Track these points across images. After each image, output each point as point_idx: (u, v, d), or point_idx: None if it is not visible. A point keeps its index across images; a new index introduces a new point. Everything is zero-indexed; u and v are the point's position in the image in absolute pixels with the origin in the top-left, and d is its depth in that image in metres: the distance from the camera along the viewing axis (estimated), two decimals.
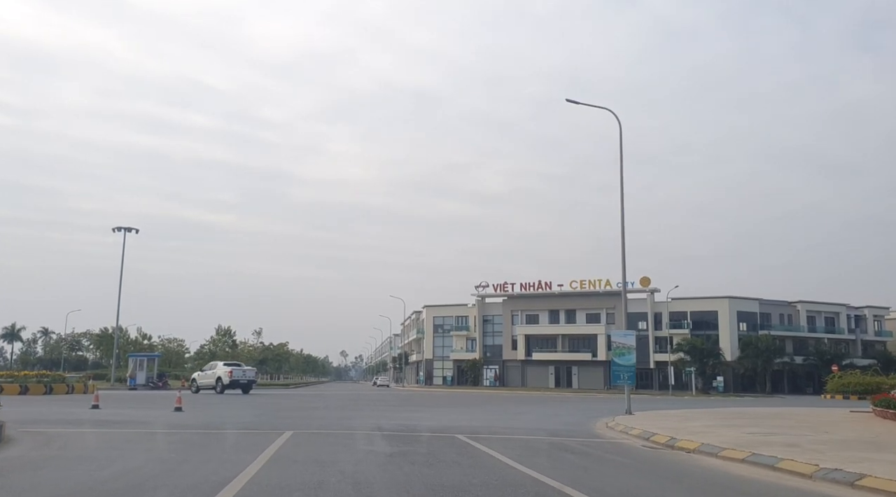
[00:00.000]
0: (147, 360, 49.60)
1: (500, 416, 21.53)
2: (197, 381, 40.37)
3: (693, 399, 47.81)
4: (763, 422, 17.82)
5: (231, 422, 16.21)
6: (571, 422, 19.17)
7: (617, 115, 21.95)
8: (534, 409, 26.08)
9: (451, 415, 21.50)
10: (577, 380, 78.34)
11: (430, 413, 22.13)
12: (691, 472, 9.18)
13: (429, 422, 17.45)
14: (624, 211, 21.78)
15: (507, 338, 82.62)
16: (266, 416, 18.34)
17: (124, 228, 49.23)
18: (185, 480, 7.13)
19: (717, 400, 46.17)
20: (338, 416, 19.08)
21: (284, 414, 19.72)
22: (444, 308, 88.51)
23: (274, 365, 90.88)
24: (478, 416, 21.33)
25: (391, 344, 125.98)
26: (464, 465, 8.64)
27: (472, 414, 22.27)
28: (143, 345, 67.14)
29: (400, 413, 21.74)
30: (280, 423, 15.72)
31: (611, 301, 78.26)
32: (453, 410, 24.46)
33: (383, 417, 18.87)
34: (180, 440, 11.44)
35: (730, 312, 74.05)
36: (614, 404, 31.31)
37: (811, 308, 77.57)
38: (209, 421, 16.16)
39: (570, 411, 25.29)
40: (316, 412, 21.05)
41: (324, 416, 18.81)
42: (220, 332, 74.04)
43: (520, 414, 22.76)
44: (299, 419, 17.37)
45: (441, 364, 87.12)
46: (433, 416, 20.09)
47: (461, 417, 19.99)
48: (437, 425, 16.18)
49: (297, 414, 19.72)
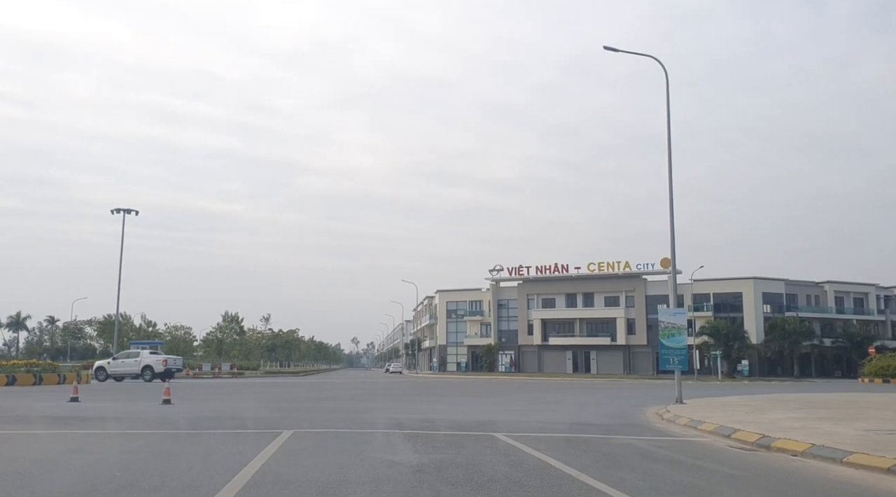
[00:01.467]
0: (150, 348, 47.34)
1: (532, 405, 18.99)
2: (107, 369, 36.61)
3: (721, 384, 45.13)
4: (851, 411, 15.17)
5: (223, 417, 13.75)
6: (617, 413, 16.61)
7: (662, 62, 19.15)
8: (565, 398, 23.53)
9: (476, 405, 18.98)
10: (595, 365, 75.78)
11: (453, 403, 19.63)
12: (843, 491, 6.57)
13: (455, 415, 14.93)
14: (672, 169, 19.07)
15: (523, 322, 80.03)
16: (266, 410, 15.88)
17: (123, 210, 46.98)
18: None
19: (749, 385, 43.45)
20: (349, 409, 16.58)
21: (288, 406, 17.25)
22: (458, 293, 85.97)
23: (284, 352, 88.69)
24: (507, 406, 18.81)
25: (403, 330, 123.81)
26: (527, 488, 6.07)
27: (499, 404, 19.74)
28: (147, 332, 65.16)
29: (419, 404, 19.26)
30: (281, 418, 13.25)
31: (630, 284, 75.57)
32: (477, 400, 21.95)
33: (401, 410, 16.38)
34: (141, 447, 8.94)
35: (755, 294, 71.06)
36: (651, 391, 28.77)
37: (839, 289, 74.44)
38: (197, 416, 13.71)
39: (608, 400, 22.71)
40: (324, 404, 18.58)
41: (332, 409, 16.33)
42: (227, 319, 71.81)
43: (554, 403, 20.21)
44: (304, 413, 14.90)
45: (455, 350, 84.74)
46: (457, 408, 17.59)
47: (490, 409, 17.46)
48: (466, 420, 13.64)
49: (303, 406, 17.25)
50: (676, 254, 18.72)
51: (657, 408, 17.64)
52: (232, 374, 49.69)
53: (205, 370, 49.03)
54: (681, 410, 16.16)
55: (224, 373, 49.46)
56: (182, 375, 47.48)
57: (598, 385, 39.21)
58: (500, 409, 17.19)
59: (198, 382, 36.94)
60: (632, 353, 75.09)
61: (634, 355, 75.06)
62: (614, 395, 25.69)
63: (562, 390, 29.91)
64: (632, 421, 14.44)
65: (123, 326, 63.89)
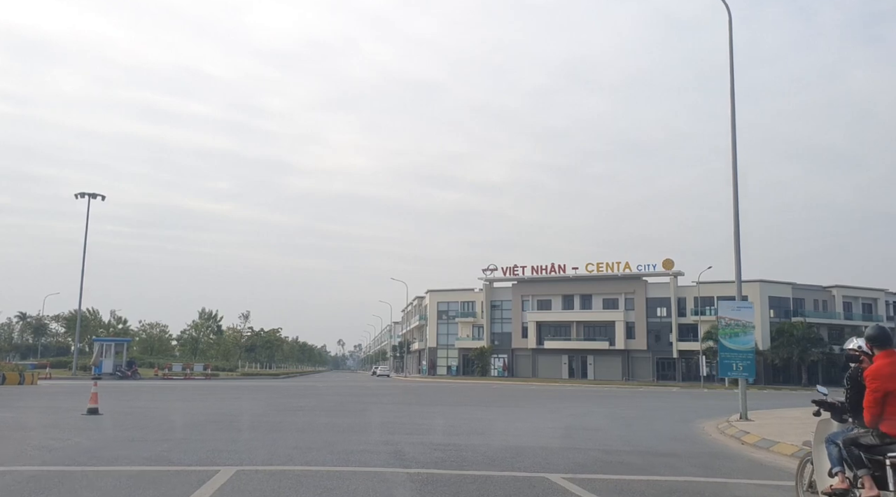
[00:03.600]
0: (115, 346, 43.26)
1: (559, 420, 15.25)
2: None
3: (728, 391, 41.58)
4: None
5: (149, 439, 9.85)
6: (677, 434, 12.94)
7: (727, 3, 15.52)
8: (592, 409, 19.78)
9: (492, 420, 15.18)
10: (592, 370, 72.21)
11: (460, 416, 15.83)
12: None
13: (472, 437, 11.12)
14: (736, 140, 15.45)
15: (517, 325, 76.28)
16: (216, 426, 11.97)
17: (88, 194, 42.83)
18: None
19: (763, 394, 39.94)
20: (327, 426, 12.70)
21: (249, 421, 13.38)
22: (449, 293, 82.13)
23: (265, 353, 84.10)
24: (530, 421, 15.03)
25: (391, 332, 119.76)
26: None
27: (519, 418, 15.96)
28: (117, 329, 60.74)
29: (418, 416, 15.46)
30: (229, 442, 9.39)
31: (630, 285, 72.07)
32: (487, 411, 18.16)
33: (398, 426, 12.57)
34: None
35: (761, 297, 67.65)
36: (681, 401, 25.18)
37: (848, 293, 71.39)
38: (113, 438, 9.84)
39: (643, 413, 19.01)
40: (297, 417, 14.70)
41: (306, 426, 12.44)
42: (203, 316, 67.31)
43: (584, 417, 16.48)
44: (266, 432, 11.03)
45: (445, 352, 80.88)
46: (469, 423, 13.78)
47: (510, 426, 13.66)
48: (492, 445, 9.84)
49: (268, 421, 13.35)
50: (678, 257, 15.05)
51: (714, 423, 14.11)
52: (205, 375, 45.56)
53: (175, 371, 44.91)
54: (756, 429, 12.55)
55: (196, 374, 45.35)
56: (150, 376, 43.46)
57: (611, 393, 35.50)
58: (526, 427, 13.41)
59: (162, 385, 32.91)
60: (631, 358, 71.60)
61: (634, 361, 71.57)
62: (644, 407, 22.03)
63: (577, 399, 26.16)
64: (709, 447, 10.77)
65: (91, 322, 59.64)
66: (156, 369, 45.08)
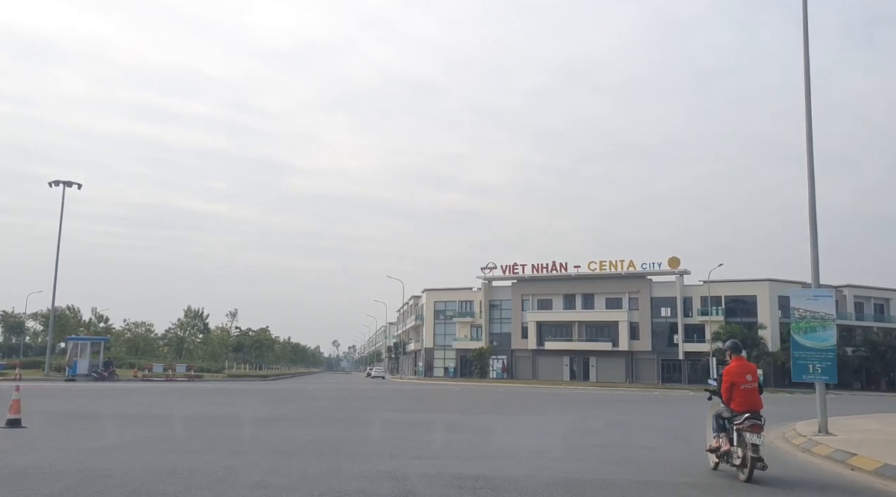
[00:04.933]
0: (91, 345, 40.37)
1: (597, 433, 12.52)
2: None
3: None
4: None
5: (43, 473, 7.08)
6: None
7: None
8: (623, 419, 17.08)
9: (517, 433, 12.45)
10: (595, 372, 69.54)
11: (476, 428, 13.10)
12: None
13: (506, 463, 8.35)
14: (811, 115, 12.79)
15: (517, 325, 73.56)
16: (154, 449, 9.20)
17: (63, 183, 40.04)
18: None
19: (791, 399, 37.39)
20: (310, 445, 9.95)
21: (209, 436, 10.62)
22: (447, 292, 79.37)
23: (254, 353, 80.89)
24: (563, 434, 12.31)
25: (386, 332, 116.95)
26: None
27: (548, 430, 13.28)
28: (98, 328, 57.74)
29: (426, 430, 12.74)
30: (159, 478, 6.62)
31: (634, 284, 69.42)
32: (508, 421, 15.46)
33: (404, 447, 9.84)
34: None
35: (770, 297, 65.21)
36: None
37: (859, 293, 68.90)
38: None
39: (683, 421, 16.34)
40: (274, 430, 11.95)
41: (281, 446, 9.70)
42: (189, 315, 64.20)
43: (623, 428, 13.78)
44: (224, 455, 8.29)
45: (442, 354, 78.11)
46: (493, 441, 11.04)
47: (544, 442, 10.94)
48: (541, 480, 7.10)
49: (233, 437, 10.60)
50: (683, 254, 12.38)
51: (778, 434, 11.45)
52: (188, 376, 42.63)
53: (156, 372, 42.02)
54: (854, 447, 9.88)
55: (179, 375, 42.45)
56: (129, 377, 40.63)
57: (629, 397, 32.77)
58: (560, 444, 10.67)
59: (137, 387, 30.07)
60: (635, 359, 68.97)
61: (637, 362, 68.95)
62: (679, 414, 19.38)
63: (595, 405, 23.46)
64: (808, 472, 8.08)
65: (70, 320, 56.66)
66: (135, 370, 42.17)
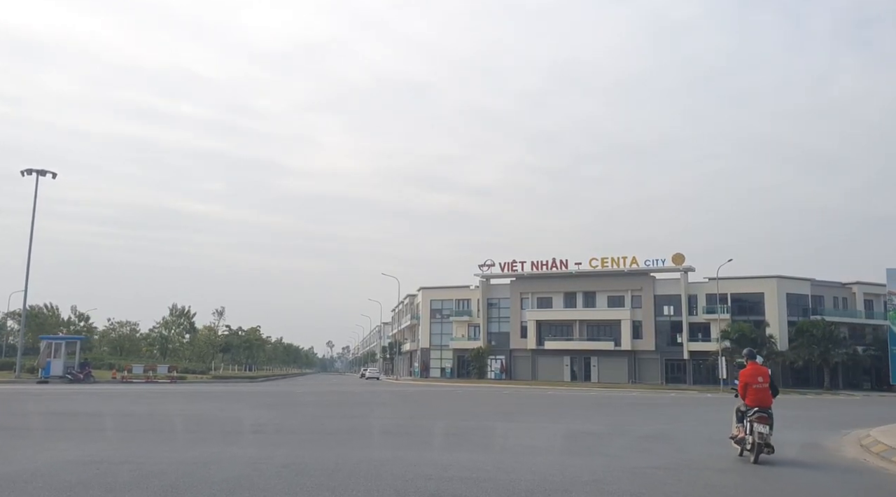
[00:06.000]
0: (66, 344, 37.87)
1: (650, 449, 10.18)
2: None
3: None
4: None
5: None
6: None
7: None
8: (665, 426, 14.72)
9: (559, 449, 10.10)
10: (596, 372, 67.36)
11: (502, 444, 10.74)
12: None
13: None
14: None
15: (516, 324, 71.33)
16: (63, 484, 6.80)
17: (36, 171, 37.54)
18: None
19: (806, 400, 35.23)
20: (284, 477, 7.53)
21: (151, 461, 8.22)
22: (443, 290, 77.06)
23: (244, 353, 77.94)
24: (616, 452, 9.94)
25: (381, 332, 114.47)
26: None
27: (592, 443, 10.86)
28: (78, 327, 55.10)
29: (436, 448, 10.34)
30: None
31: (637, 282, 67.25)
32: (534, 428, 13.07)
33: (415, 482, 7.39)
34: None
35: (778, 294, 63.08)
36: None
37: (868, 290, 66.71)
38: None
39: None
40: (240, 449, 9.56)
41: (240, 481, 7.28)
42: (174, 313, 61.47)
43: (666, 440, 11.42)
44: (156, 493, 5.88)
45: (439, 354, 75.77)
46: (533, 459, 8.68)
47: (598, 462, 8.57)
48: None
49: (183, 460, 8.22)
50: (685, 252, 10.13)
51: (848, 440, 9.23)
52: (170, 378, 40.10)
53: (136, 373, 39.51)
54: None
55: (160, 376, 39.94)
56: (107, 379, 38.14)
57: (645, 400, 30.42)
58: (629, 471, 8.30)
59: (111, 389, 27.63)
60: (637, 359, 66.79)
61: (640, 362, 66.77)
62: (713, 419, 17.02)
63: (614, 407, 21.11)
64: None
65: (48, 319, 54.04)
66: (114, 371, 39.68)
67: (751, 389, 9.55)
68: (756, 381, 9.64)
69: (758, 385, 9.59)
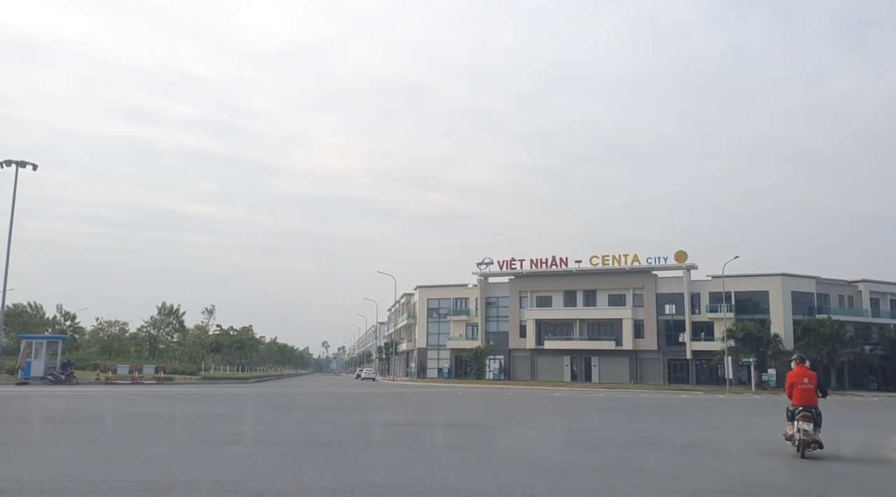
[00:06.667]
0: (47, 344, 36.11)
1: (724, 467, 8.57)
2: None
3: (770, 397, 35.49)
4: None
5: None
6: None
7: None
8: (702, 435, 13.12)
9: (596, 467, 8.44)
10: (597, 372, 65.75)
11: (522, 449, 9.10)
12: None
13: None
14: None
15: (515, 323, 69.68)
16: None
17: (16, 163, 35.73)
18: None
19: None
20: None
21: (83, 483, 6.56)
22: (441, 289, 75.33)
23: (236, 353, 76.04)
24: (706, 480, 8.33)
25: (377, 332, 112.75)
26: None
27: (644, 455, 9.23)
28: (63, 326, 53.29)
29: (454, 460, 8.69)
30: None
31: (639, 280, 65.67)
32: (554, 434, 11.45)
33: None
34: None
35: (783, 293, 61.57)
36: (769, 410, 18.61)
37: (875, 289, 65.33)
38: None
39: (773, 433, 12.42)
40: (207, 471, 7.90)
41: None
42: (163, 312, 59.60)
43: (716, 454, 9.81)
44: None
45: (436, 354, 74.06)
46: (579, 478, 7.05)
47: (649, 481, 6.94)
48: None
49: (125, 488, 6.51)
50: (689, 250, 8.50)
51: None
52: (157, 379, 38.36)
53: (121, 374, 37.80)
54: None
55: (147, 377, 38.21)
56: (90, 380, 36.44)
57: (667, 402, 28.83)
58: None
59: (90, 392, 25.96)
60: (639, 359, 65.20)
61: (642, 362, 65.18)
62: (758, 424, 15.45)
63: (633, 410, 19.51)
64: None
65: (32, 318, 52.26)
66: (97, 372, 37.94)
67: (796, 389, 10.47)
68: (802, 382, 10.54)
69: (803, 386, 10.47)
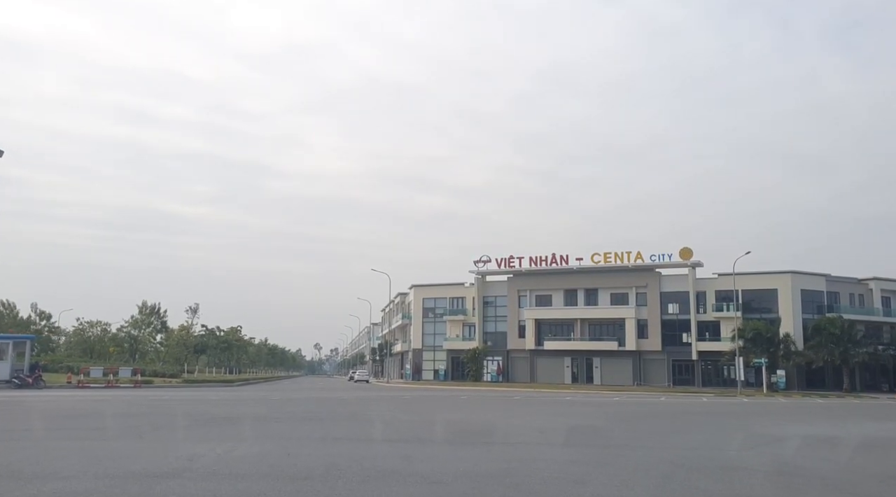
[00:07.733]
0: (13, 344, 33.44)
1: None
2: None
3: (793, 400, 33.15)
4: None
5: None
6: None
7: None
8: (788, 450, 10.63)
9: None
10: (599, 374, 63.44)
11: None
12: None
13: None
14: None
15: (513, 323, 67.30)
16: None
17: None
18: None
19: (830, 404, 31.36)
20: None
21: None
22: (436, 288, 72.84)
23: (223, 355, 73.13)
24: None
25: (370, 333, 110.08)
26: None
27: None
28: (38, 326, 50.49)
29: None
30: None
31: (642, 278, 63.34)
32: (607, 455, 8.94)
33: None
34: None
35: (792, 291, 59.35)
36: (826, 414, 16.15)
37: (886, 287, 63.25)
38: None
39: None
40: None
41: None
42: (144, 311, 56.77)
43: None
44: None
45: (432, 355, 71.55)
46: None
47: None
48: None
49: None
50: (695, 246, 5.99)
51: None
52: (134, 382, 35.67)
53: (94, 377, 35.11)
54: None
55: (123, 381, 35.54)
56: (60, 383, 33.79)
57: (685, 406, 26.35)
58: None
59: (52, 397, 23.27)
60: (643, 360, 62.85)
61: (646, 363, 62.83)
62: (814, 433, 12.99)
63: (679, 420, 16.99)
64: None
65: (4, 318, 49.45)
66: (69, 376, 35.24)
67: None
68: None
69: None
